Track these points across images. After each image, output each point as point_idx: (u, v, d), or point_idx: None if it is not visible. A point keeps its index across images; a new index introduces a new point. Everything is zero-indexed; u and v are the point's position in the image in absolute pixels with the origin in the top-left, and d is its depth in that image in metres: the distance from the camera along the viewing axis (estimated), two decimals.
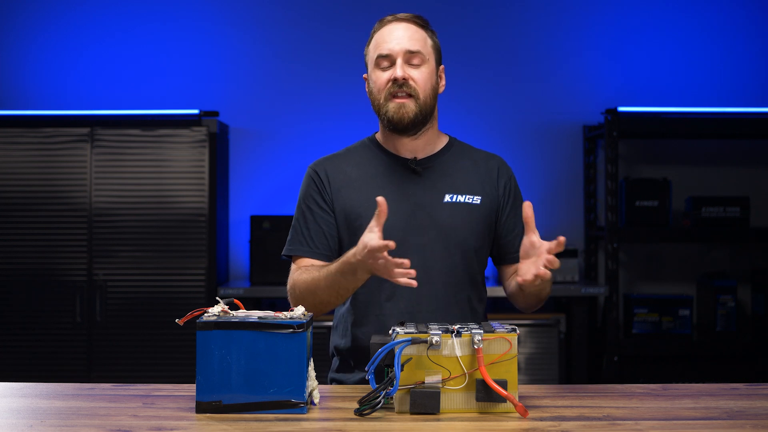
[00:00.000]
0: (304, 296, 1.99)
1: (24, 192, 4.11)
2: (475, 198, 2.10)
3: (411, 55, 2.03)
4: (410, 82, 2.02)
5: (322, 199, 2.10)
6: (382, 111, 2.05)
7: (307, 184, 2.13)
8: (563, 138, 4.60)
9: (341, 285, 1.93)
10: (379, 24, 2.10)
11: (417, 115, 2.04)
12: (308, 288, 1.98)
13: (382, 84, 2.04)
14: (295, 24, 4.58)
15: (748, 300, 4.51)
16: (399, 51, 2.03)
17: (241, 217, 4.53)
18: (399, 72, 2.02)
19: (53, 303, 4.09)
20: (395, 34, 2.05)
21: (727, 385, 1.83)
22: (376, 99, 2.06)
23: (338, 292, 1.95)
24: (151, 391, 1.77)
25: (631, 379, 4.15)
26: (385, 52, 2.04)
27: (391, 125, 2.05)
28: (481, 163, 2.16)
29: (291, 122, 4.56)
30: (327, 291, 1.95)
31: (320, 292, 1.96)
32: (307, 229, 2.09)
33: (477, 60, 4.54)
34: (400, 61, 2.03)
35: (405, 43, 2.03)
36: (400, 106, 2.03)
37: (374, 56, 2.07)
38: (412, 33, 2.05)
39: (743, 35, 4.60)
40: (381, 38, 2.06)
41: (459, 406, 1.57)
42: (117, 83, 4.55)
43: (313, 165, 2.15)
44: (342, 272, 1.90)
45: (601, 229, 4.43)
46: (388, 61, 2.04)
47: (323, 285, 1.95)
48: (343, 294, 1.96)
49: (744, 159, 4.60)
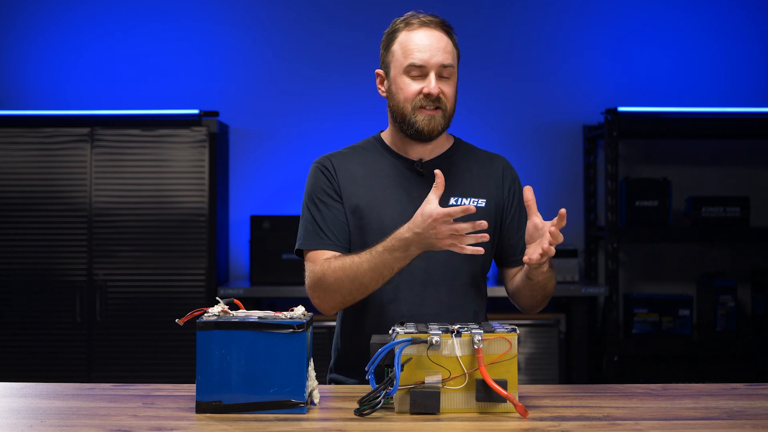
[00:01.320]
0: (340, 283, 1.94)
1: (24, 192, 4.11)
2: (480, 200, 2.09)
3: (444, 68, 2.02)
4: (441, 96, 2.02)
5: (334, 191, 2.07)
6: (408, 120, 2.03)
7: (316, 177, 2.10)
8: (563, 138, 4.60)
9: (388, 264, 1.90)
10: (404, 24, 2.06)
11: (444, 127, 2.05)
12: (346, 273, 1.93)
13: (411, 94, 2.02)
14: (295, 24, 4.58)
15: (748, 300, 4.51)
16: (434, 64, 2.01)
17: (241, 217, 4.53)
18: (434, 89, 2.00)
19: (53, 303, 4.09)
20: (428, 44, 2.01)
21: (727, 385, 1.83)
22: (401, 106, 2.04)
23: (382, 273, 1.92)
24: (151, 391, 1.77)
25: (631, 379, 4.15)
26: (419, 63, 2.01)
27: (419, 136, 2.04)
28: (486, 164, 2.15)
29: (291, 122, 4.56)
30: (370, 273, 1.91)
31: (362, 275, 1.92)
32: (324, 221, 2.05)
33: (477, 60, 4.54)
34: (433, 75, 2.01)
35: (439, 56, 2.01)
36: (431, 118, 2.02)
37: (404, 63, 2.02)
38: (444, 44, 2.03)
39: (743, 35, 4.60)
40: (413, 45, 2.02)
41: (459, 406, 1.57)
42: (117, 83, 4.55)
43: (319, 160, 2.13)
44: (392, 249, 1.88)
45: (601, 229, 4.43)
46: (420, 72, 2.02)
47: (366, 267, 1.91)
48: (387, 275, 1.92)
49: (744, 159, 4.60)
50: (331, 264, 1.96)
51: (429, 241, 1.84)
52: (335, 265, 1.96)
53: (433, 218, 1.80)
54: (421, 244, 1.85)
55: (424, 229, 1.82)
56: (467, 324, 1.65)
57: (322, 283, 1.97)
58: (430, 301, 2.02)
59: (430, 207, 1.82)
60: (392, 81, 2.06)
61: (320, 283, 1.97)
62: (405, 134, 2.07)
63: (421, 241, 1.85)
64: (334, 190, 2.07)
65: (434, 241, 1.83)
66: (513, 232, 2.14)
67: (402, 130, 2.07)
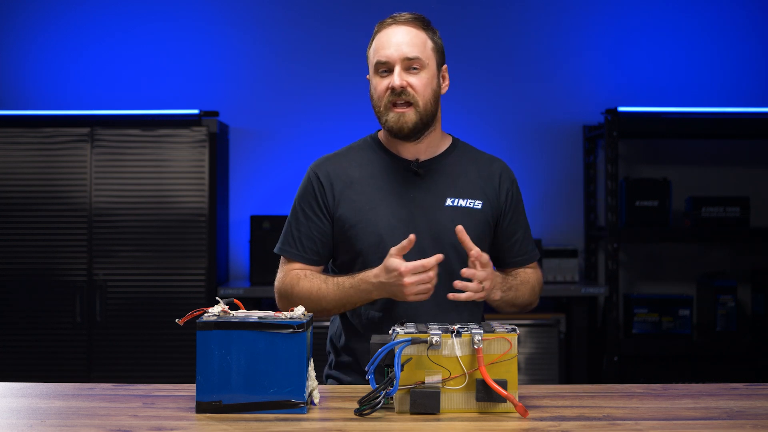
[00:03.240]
0: (304, 302, 2.01)
1: (24, 192, 4.11)
2: (476, 202, 2.09)
3: (410, 61, 2.01)
4: (409, 89, 2.00)
5: (318, 206, 2.09)
6: (382, 119, 2.05)
7: (305, 187, 2.12)
8: (563, 138, 4.60)
9: (351, 300, 1.99)
10: (379, 26, 2.08)
11: (417, 124, 2.03)
12: (311, 298, 2.02)
13: (381, 92, 2.03)
14: (295, 24, 4.58)
15: (748, 300, 4.51)
16: (397, 58, 2.01)
17: (241, 217, 4.53)
18: (397, 81, 2.00)
19: (53, 303, 4.09)
20: (394, 40, 2.02)
21: (727, 385, 1.83)
22: (377, 106, 2.05)
23: (344, 306, 2.02)
24: (151, 391, 1.77)
25: (631, 379, 4.15)
26: (383, 59, 2.02)
27: (392, 134, 2.05)
28: (483, 166, 2.15)
29: (291, 122, 4.56)
30: (334, 302, 2.01)
31: (326, 303, 2.02)
32: (298, 231, 2.10)
33: (477, 60, 4.54)
34: (398, 68, 2.01)
35: (403, 49, 2.01)
36: (400, 116, 2.01)
37: (374, 62, 2.05)
38: (411, 38, 2.02)
39: (743, 35, 4.60)
40: (380, 43, 2.04)
41: (459, 406, 1.57)
42: (117, 83, 4.55)
43: (314, 166, 2.13)
44: (357, 289, 1.96)
45: (601, 229, 4.43)
46: (387, 67, 2.02)
47: (331, 298, 2.01)
48: (349, 308, 2.03)
49: (744, 159, 4.60)
50: (300, 282, 2.05)
51: (393, 292, 1.92)
52: (303, 285, 2.04)
53: (399, 272, 1.87)
54: (385, 291, 1.93)
55: (389, 280, 1.89)
56: (467, 324, 1.64)
57: (287, 296, 2.08)
58: (427, 302, 2.02)
59: (393, 261, 1.88)
60: (370, 82, 2.09)
61: (286, 295, 2.08)
62: (388, 134, 2.08)
63: (385, 290, 1.92)
64: (318, 205, 2.09)
65: (400, 293, 1.91)
66: (509, 235, 2.14)
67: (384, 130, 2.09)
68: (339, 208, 2.07)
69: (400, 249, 1.89)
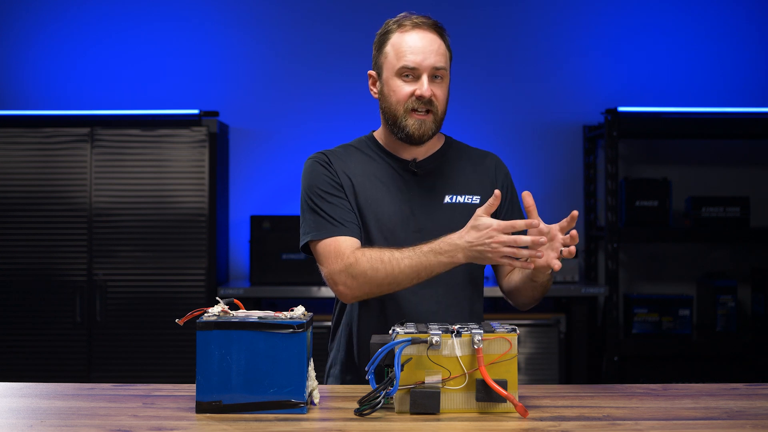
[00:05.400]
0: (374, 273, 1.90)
1: (24, 192, 4.11)
2: (474, 198, 2.10)
3: (436, 70, 2.01)
4: (433, 99, 2.01)
5: (338, 184, 2.04)
6: (400, 123, 2.02)
7: (316, 171, 2.06)
8: (563, 138, 4.60)
9: (429, 266, 1.88)
10: (396, 26, 2.05)
11: (434, 131, 2.04)
12: (384, 265, 1.89)
13: (403, 96, 2.01)
14: (295, 24, 4.58)
15: (748, 300, 4.51)
16: (426, 67, 2.00)
17: (241, 217, 4.53)
18: (427, 91, 1.99)
19: (53, 303, 4.09)
20: (420, 45, 2.00)
21: (727, 385, 1.83)
22: (393, 109, 2.03)
23: (419, 275, 1.90)
24: (151, 391, 1.77)
25: (631, 379, 4.15)
26: (412, 65, 2.00)
27: (409, 140, 2.04)
28: (478, 162, 2.16)
29: (291, 122, 4.56)
30: (408, 271, 1.89)
31: (399, 271, 1.89)
32: (335, 212, 2.00)
33: (477, 60, 4.54)
34: (425, 78, 1.99)
35: (432, 58, 2.00)
36: (422, 123, 2.01)
37: (397, 65, 2.02)
38: (437, 47, 2.02)
39: (743, 35, 4.60)
40: (406, 47, 2.01)
41: (459, 406, 1.57)
42: (117, 83, 4.55)
43: (315, 155, 2.11)
44: (439, 252, 1.87)
45: (601, 229, 4.43)
46: (413, 74, 2.01)
47: (405, 264, 1.89)
48: (424, 277, 1.90)
49: (744, 159, 4.60)
50: (366, 253, 1.92)
51: (482, 253, 1.81)
52: (371, 254, 1.92)
53: (492, 228, 1.78)
54: (471, 254, 1.83)
55: (480, 239, 1.81)
56: (467, 324, 1.65)
57: (353, 270, 1.92)
58: (428, 299, 2.02)
59: (485, 219, 1.80)
60: (384, 83, 2.06)
61: (351, 269, 1.92)
62: (396, 137, 2.06)
63: (474, 250, 1.82)
64: (338, 183, 2.05)
65: (488, 254, 1.81)
66: None
67: (393, 132, 2.06)
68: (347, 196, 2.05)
69: (488, 207, 1.82)
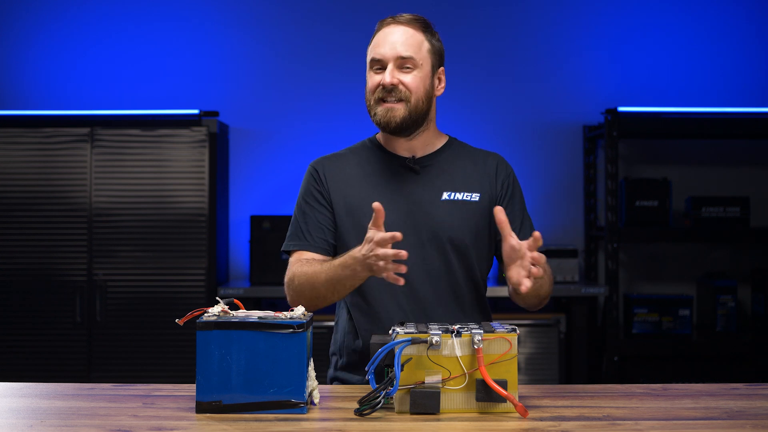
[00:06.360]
0: (302, 288, 2.00)
1: (24, 192, 4.11)
2: (473, 195, 2.10)
3: (403, 60, 2.05)
4: (400, 87, 2.04)
5: (320, 195, 2.12)
6: (371, 113, 2.09)
7: (307, 180, 2.16)
8: (563, 138, 4.60)
9: (340, 279, 1.92)
10: (379, 25, 2.12)
11: (405, 119, 2.06)
12: (308, 280, 1.99)
13: (372, 87, 2.08)
14: (295, 24, 4.58)
15: (748, 300, 4.51)
16: (391, 56, 2.05)
17: (241, 217, 4.53)
18: (387, 78, 2.04)
19: (53, 303, 4.09)
20: (390, 39, 2.07)
21: (727, 385, 1.83)
22: (368, 100, 2.10)
23: (335, 287, 1.95)
24: (151, 391, 1.77)
25: (631, 379, 4.15)
26: (378, 57, 2.07)
27: (381, 128, 2.09)
28: (479, 161, 2.17)
29: (291, 122, 4.56)
30: (326, 285, 1.95)
31: (319, 285, 1.97)
32: (305, 223, 2.11)
33: (477, 60, 4.54)
34: (390, 66, 2.05)
35: (398, 48, 2.05)
36: (388, 110, 2.05)
37: (368, 58, 2.10)
38: (407, 38, 2.06)
39: (743, 35, 4.60)
40: (377, 41, 2.09)
41: (459, 406, 1.57)
42: (117, 83, 4.55)
43: (313, 163, 2.18)
44: (343, 266, 1.90)
45: (601, 229, 4.43)
46: (381, 65, 2.07)
47: (323, 278, 1.96)
48: (341, 290, 1.96)
49: (744, 159, 4.60)
50: (302, 267, 2.02)
51: (370, 267, 1.84)
52: (304, 269, 2.01)
53: (375, 240, 1.80)
54: (365, 267, 1.86)
55: (367, 252, 1.83)
56: (467, 324, 1.65)
57: (291, 283, 2.04)
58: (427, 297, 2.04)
59: (372, 232, 1.82)
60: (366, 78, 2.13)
61: (290, 283, 2.04)
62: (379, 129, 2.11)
63: (365, 264, 1.85)
64: (320, 193, 2.12)
65: (374, 267, 1.83)
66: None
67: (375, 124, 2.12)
68: (334, 199, 2.11)
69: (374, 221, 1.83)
